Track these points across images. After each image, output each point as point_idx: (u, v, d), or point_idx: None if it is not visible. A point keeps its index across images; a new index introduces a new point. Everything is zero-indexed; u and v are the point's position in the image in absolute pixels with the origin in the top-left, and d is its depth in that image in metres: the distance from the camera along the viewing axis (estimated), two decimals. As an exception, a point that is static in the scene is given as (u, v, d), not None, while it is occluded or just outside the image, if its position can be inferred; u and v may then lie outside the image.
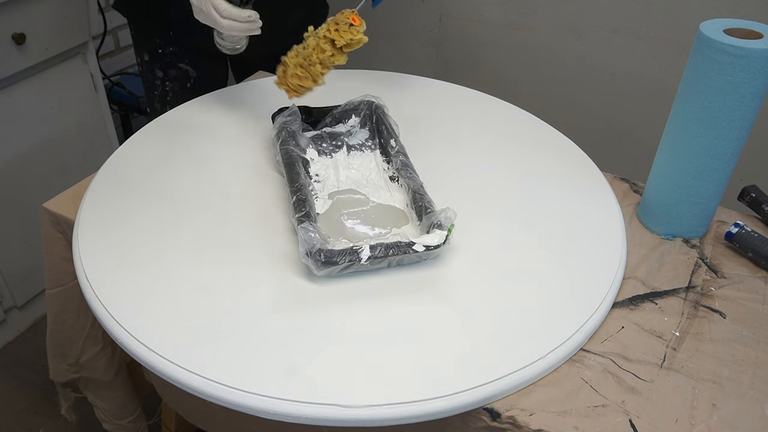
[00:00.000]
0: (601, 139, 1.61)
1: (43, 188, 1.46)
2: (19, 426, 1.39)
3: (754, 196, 0.85)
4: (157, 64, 1.19)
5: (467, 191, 0.85)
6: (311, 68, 0.84)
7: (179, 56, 1.17)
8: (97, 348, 0.95)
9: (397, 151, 0.86)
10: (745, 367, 0.65)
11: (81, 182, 0.88)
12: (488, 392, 0.60)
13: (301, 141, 0.89)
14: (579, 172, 0.90)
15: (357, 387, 0.59)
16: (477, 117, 1.01)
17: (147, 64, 1.20)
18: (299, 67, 0.85)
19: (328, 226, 0.77)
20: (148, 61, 1.20)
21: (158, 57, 1.18)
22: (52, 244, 0.86)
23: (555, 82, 1.62)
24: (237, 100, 1.03)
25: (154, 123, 0.97)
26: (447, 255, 0.74)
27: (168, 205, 0.81)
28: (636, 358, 0.66)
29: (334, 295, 0.69)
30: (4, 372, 1.51)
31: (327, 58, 0.83)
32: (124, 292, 0.68)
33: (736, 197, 0.87)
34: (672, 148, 0.78)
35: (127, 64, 2.17)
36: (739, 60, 0.67)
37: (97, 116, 1.61)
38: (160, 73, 1.18)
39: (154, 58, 1.18)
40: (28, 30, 1.32)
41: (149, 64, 1.20)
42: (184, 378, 0.60)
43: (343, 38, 0.81)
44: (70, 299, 0.90)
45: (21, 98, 1.39)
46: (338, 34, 0.82)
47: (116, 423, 1.05)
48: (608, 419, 0.59)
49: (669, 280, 0.75)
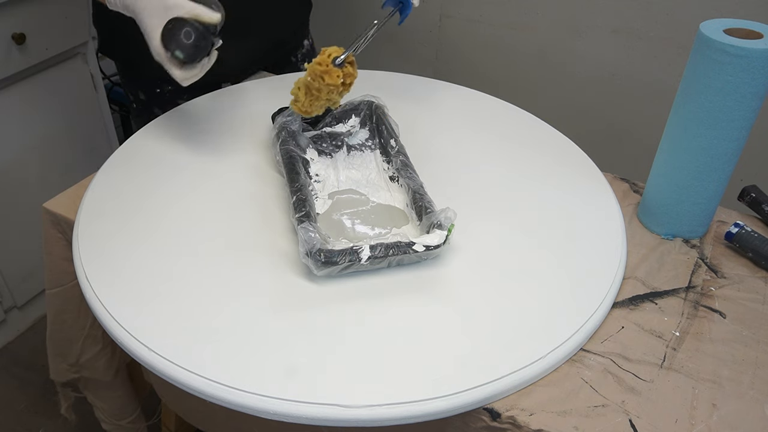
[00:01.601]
0: (601, 139, 1.61)
1: (43, 188, 1.46)
2: (19, 426, 1.39)
3: (754, 196, 0.85)
4: (155, 102, 1.14)
5: (467, 191, 0.85)
6: (317, 100, 0.83)
7: (177, 93, 1.13)
8: (97, 348, 0.95)
9: (397, 151, 0.86)
10: (745, 367, 0.65)
11: (81, 182, 0.88)
12: (488, 392, 0.60)
13: (301, 141, 0.89)
14: (579, 172, 0.90)
15: (357, 387, 0.59)
16: (477, 117, 1.01)
17: (143, 103, 1.16)
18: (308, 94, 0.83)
19: (328, 226, 0.77)
20: (144, 99, 1.15)
21: (156, 96, 1.14)
22: (52, 244, 0.86)
23: (555, 82, 1.62)
24: (237, 100, 1.03)
25: (154, 123, 0.97)
26: (447, 255, 0.74)
27: (167, 205, 0.81)
28: (636, 358, 0.66)
29: (334, 295, 0.69)
30: (4, 372, 1.51)
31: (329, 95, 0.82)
32: (124, 292, 0.68)
33: (736, 197, 0.87)
34: (672, 148, 0.78)
35: (127, 64, 2.16)
36: (739, 60, 0.67)
37: (97, 116, 1.61)
38: (159, 111, 1.12)
39: (151, 97, 1.14)
40: (28, 30, 1.33)
41: (146, 103, 1.15)
42: (184, 378, 0.60)
43: (325, 95, 0.80)
44: (69, 299, 0.90)
45: (21, 98, 1.39)
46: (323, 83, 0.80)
47: (116, 423, 1.05)
48: (608, 419, 0.59)
49: (669, 280, 0.75)
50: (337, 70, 0.79)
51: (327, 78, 0.79)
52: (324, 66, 0.79)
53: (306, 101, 0.82)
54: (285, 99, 0.91)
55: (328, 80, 0.79)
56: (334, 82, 0.79)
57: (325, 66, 0.79)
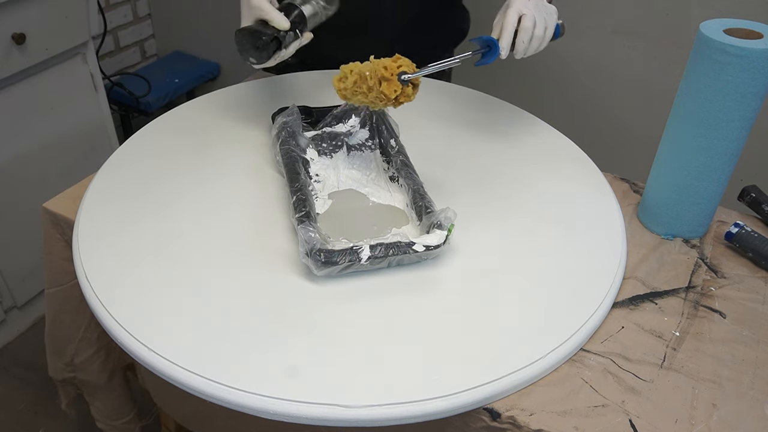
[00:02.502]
0: (601, 139, 1.61)
1: (43, 188, 1.46)
2: (19, 426, 1.39)
3: (754, 196, 0.85)
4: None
5: (467, 191, 0.84)
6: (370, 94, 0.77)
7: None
8: (91, 351, 0.95)
9: (397, 151, 0.86)
10: (745, 367, 0.65)
11: (81, 182, 0.88)
12: (488, 392, 0.60)
13: (301, 141, 0.89)
14: (579, 172, 0.90)
15: (357, 387, 0.59)
16: (477, 117, 1.01)
17: None
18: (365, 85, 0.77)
19: (328, 226, 0.77)
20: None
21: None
22: (52, 244, 0.86)
23: (555, 82, 1.62)
24: (237, 100, 1.03)
25: (154, 123, 0.97)
26: (447, 255, 0.74)
27: (167, 205, 0.81)
28: (636, 358, 0.66)
29: (334, 295, 0.68)
30: (4, 372, 1.51)
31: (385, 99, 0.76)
32: (123, 292, 0.68)
33: (736, 197, 0.87)
34: (672, 148, 0.78)
35: (127, 64, 2.17)
36: (739, 60, 0.67)
37: (97, 116, 1.61)
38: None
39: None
40: (28, 30, 1.32)
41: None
42: (184, 378, 0.60)
43: (389, 96, 0.74)
44: (68, 299, 0.90)
45: (21, 98, 1.39)
46: (387, 86, 0.74)
47: (110, 424, 1.05)
48: (608, 419, 0.59)
49: (669, 280, 0.75)
50: (397, 84, 0.74)
51: (384, 86, 0.74)
52: (389, 73, 0.74)
53: (351, 88, 0.78)
54: (285, 99, 0.91)
55: (384, 88, 0.74)
56: (388, 93, 0.74)
57: (390, 74, 0.74)
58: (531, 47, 0.80)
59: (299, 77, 1.09)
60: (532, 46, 0.80)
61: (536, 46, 0.81)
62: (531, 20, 0.78)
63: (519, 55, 0.81)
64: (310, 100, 0.97)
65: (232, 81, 1.26)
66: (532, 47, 0.80)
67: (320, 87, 1.05)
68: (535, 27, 0.79)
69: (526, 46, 0.80)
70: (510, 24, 0.79)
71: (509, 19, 0.79)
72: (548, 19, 0.81)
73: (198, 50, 2.19)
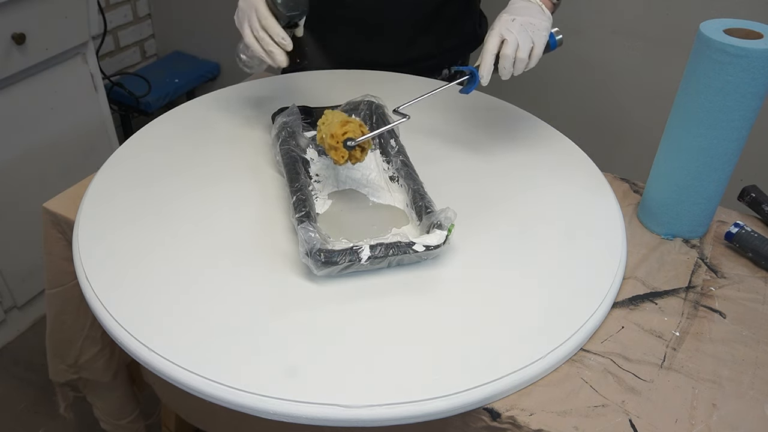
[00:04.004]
0: (601, 139, 1.61)
1: (43, 188, 1.46)
2: (19, 426, 1.39)
3: (754, 196, 0.85)
4: None
5: (467, 191, 0.84)
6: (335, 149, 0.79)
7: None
8: (96, 349, 0.95)
9: (397, 151, 0.86)
10: (745, 367, 0.65)
11: (81, 182, 0.88)
12: (488, 392, 0.60)
13: (301, 141, 0.89)
14: (579, 172, 0.90)
15: (357, 387, 0.59)
16: (477, 117, 1.01)
17: None
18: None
19: (328, 226, 0.77)
20: None
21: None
22: (52, 244, 0.86)
23: (555, 82, 1.61)
24: (237, 100, 1.03)
25: (154, 123, 0.97)
26: (447, 255, 0.74)
27: (167, 204, 0.81)
28: (636, 358, 0.66)
29: (334, 295, 0.68)
30: (4, 372, 1.51)
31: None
32: (124, 292, 0.68)
33: (736, 197, 0.87)
34: (672, 148, 0.78)
35: (127, 64, 2.17)
36: (739, 60, 0.67)
37: (97, 116, 1.61)
38: None
39: None
40: (28, 30, 1.32)
41: None
42: (184, 378, 0.60)
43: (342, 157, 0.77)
44: (69, 299, 0.90)
45: (21, 98, 1.39)
46: (335, 152, 0.77)
47: (114, 423, 1.05)
48: (608, 419, 0.59)
49: (669, 280, 0.75)
50: (344, 152, 0.77)
51: (332, 154, 0.77)
52: (334, 141, 0.76)
53: (323, 141, 0.80)
54: (285, 99, 0.91)
55: (332, 155, 0.77)
56: (336, 159, 0.77)
57: (335, 142, 0.76)
58: (516, 69, 0.79)
59: (299, 77, 1.09)
60: (517, 69, 0.79)
61: (521, 68, 0.79)
62: (512, 46, 0.77)
63: (505, 77, 0.80)
64: (310, 100, 0.97)
65: (232, 81, 1.26)
66: (518, 69, 0.79)
67: (320, 87, 1.06)
68: (518, 50, 0.77)
69: (510, 70, 0.79)
70: (489, 52, 0.78)
71: (488, 47, 0.78)
72: (536, 37, 0.79)
73: (198, 50, 2.19)
